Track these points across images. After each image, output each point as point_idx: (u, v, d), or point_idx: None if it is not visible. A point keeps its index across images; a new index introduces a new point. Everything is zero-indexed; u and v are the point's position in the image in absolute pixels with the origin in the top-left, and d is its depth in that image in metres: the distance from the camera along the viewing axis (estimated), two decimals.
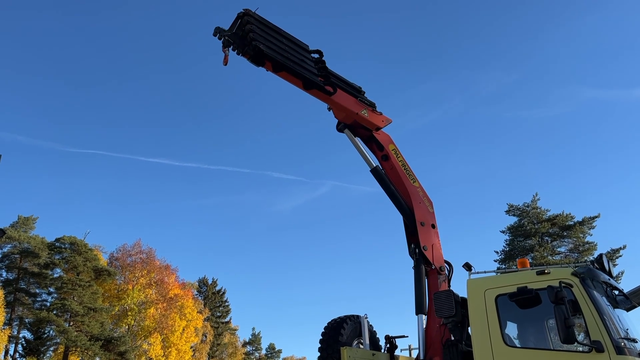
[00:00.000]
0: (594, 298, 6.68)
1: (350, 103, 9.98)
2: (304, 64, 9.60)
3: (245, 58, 9.20)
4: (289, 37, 9.71)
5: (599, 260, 7.76)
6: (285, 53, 9.38)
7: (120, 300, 45.00)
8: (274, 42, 9.33)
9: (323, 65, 9.84)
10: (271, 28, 9.46)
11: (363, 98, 10.30)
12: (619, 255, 37.33)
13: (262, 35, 9.19)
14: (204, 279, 65.42)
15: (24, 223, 47.45)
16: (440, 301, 7.83)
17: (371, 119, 10.15)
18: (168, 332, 44.97)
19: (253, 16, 9.23)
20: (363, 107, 10.12)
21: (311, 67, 9.69)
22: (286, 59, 9.32)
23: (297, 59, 9.53)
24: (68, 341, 37.97)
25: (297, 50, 9.67)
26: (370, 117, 10.13)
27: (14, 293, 43.19)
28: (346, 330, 9.05)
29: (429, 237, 9.56)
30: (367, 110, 10.13)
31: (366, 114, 10.08)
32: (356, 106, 10.03)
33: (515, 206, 42.14)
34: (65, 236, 43.76)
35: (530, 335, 7.77)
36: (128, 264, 47.02)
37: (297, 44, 9.77)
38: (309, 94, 9.72)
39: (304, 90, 9.68)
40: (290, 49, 9.56)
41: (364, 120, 10.08)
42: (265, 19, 9.42)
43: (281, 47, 9.38)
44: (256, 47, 8.93)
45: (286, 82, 9.59)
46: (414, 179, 10.07)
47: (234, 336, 67.07)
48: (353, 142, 10.17)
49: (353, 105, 9.99)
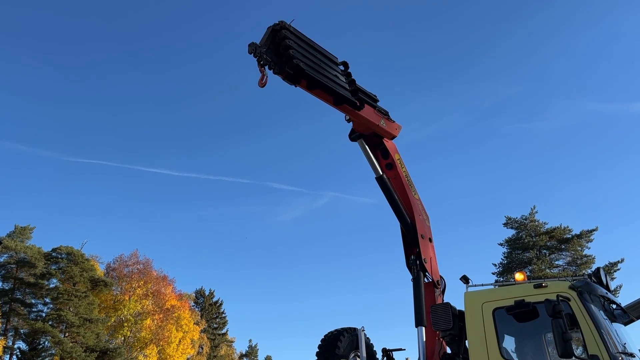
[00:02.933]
0: (592, 312, 6.67)
1: (374, 116, 9.75)
2: (337, 79, 9.07)
3: (280, 77, 8.45)
4: (322, 50, 9.07)
5: (597, 274, 7.75)
6: (322, 70, 8.77)
7: (117, 311, 44.76)
8: (312, 58, 8.67)
9: (352, 79, 9.35)
10: (306, 42, 8.76)
11: (379, 107, 10.07)
12: (617, 268, 37.38)
13: (301, 51, 8.47)
14: (201, 290, 65.15)
15: (21, 233, 47.30)
16: (438, 314, 7.81)
17: (388, 128, 10.02)
18: (164, 343, 44.66)
19: (289, 29, 8.44)
20: (381, 117, 9.92)
21: (343, 82, 9.19)
22: (324, 77, 8.72)
23: (332, 74, 8.99)
24: (63, 352, 37.69)
25: (329, 65, 9.08)
26: (387, 127, 10.00)
27: (10, 303, 42.94)
28: (343, 343, 9.00)
29: (428, 250, 9.58)
30: (384, 120, 9.97)
31: (384, 124, 9.93)
32: (377, 118, 9.82)
33: (513, 219, 42.22)
34: (62, 246, 43.64)
35: (527, 349, 7.74)
36: (125, 275, 46.82)
37: (328, 58, 9.14)
38: (336, 108, 9.38)
39: (331, 105, 9.28)
40: (324, 64, 8.94)
41: (382, 131, 9.94)
42: (301, 33, 8.69)
43: (317, 64, 8.74)
44: (297, 65, 8.20)
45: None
46: (415, 191, 10.08)
47: (231, 348, 66.66)
48: (364, 151, 9.93)
49: (375, 117, 9.76)
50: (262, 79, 8.29)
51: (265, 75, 8.26)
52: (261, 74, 8.27)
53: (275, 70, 8.32)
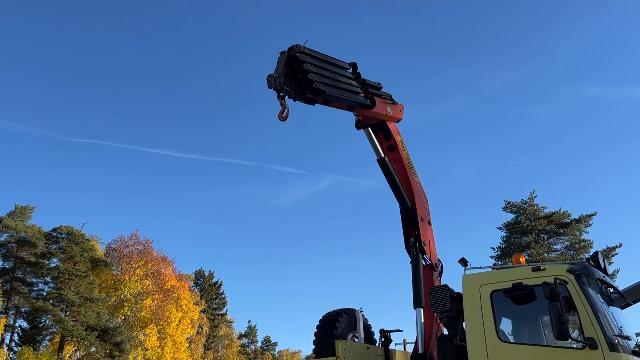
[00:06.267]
0: (589, 295, 6.70)
1: (382, 107, 9.64)
2: (351, 87, 8.79)
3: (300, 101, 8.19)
4: (334, 62, 8.74)
5: (595, 258, 7.78)
6: (338, 84, 8.51)
7: (117, 291, 45.03)
8: (328, 75, 8.39)
9: (362, 79, 9.13)
10: (321, 59, 8.45)
11: (384, 94, 9.90)
12: (615, 253, 37.48)
13: (318, 72, 8.18)
14: (200, 271, 65.54)
15: (21, 212, 47.44)
16: (436, 296, 7.85)
17: (394, 114, 9.94)
18: (164, 323, 45.03)
19: (304, 51, 8.10)
20: (387, 104, 9.81)
21: (356, 88, 8.95)
22: (341, 90, 8.47)
23: (345, 83, 8.70)
24: (64, 331, 38.01)
25: (343, 75, 8.80)
26: (394, 113, 9.91)
27: (11, 282, 43.20)
28: (341, 324, 9.08)
29: (427, 233, 9.62)
30: (390, 106, 9.86)
31: (391, 111, 9.83)
32: (384, 107, 9.72)
33: (512, 203, 42.24)
34: (62, 226, 43.74)
35: (524, 331, 7.80)
36: (125, 255, 47.01)
37: (340, 67, 8.84)
38: (350, 111, 9.33)
39: (345, 110, 9.19)
40: (338, 75, 8.66)
41: (389, 118, 9.88)
42: (315, 51, 8.37)
43: (334, 79, 8.46)
44: (318, 89, 7.94)
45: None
46: (415, 174, 10.08)
47: (230, 328, 67.24)
48: (369, 137, 9.84)
49: (383, 109, 9.68)
50: (282, 112, 7.83)
51: (287, 108, 7.82)
52: (282, 107, 7.81)
53: (295, 98, 8.00)
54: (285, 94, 7.84)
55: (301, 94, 8.02)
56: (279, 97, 7.82)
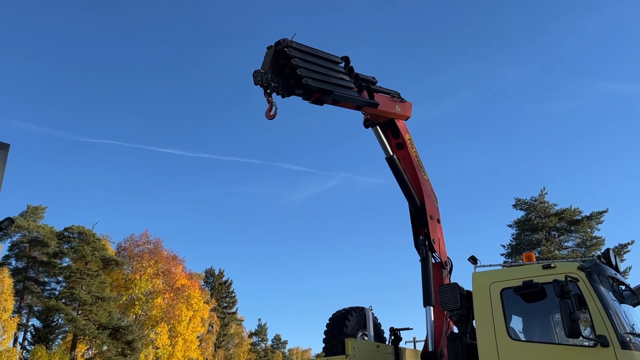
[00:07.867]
0: (600, 292, 6.65)
1: (390, 106, 9.53)
2: (342, 82, 8.50)
3: (301, 98, 8.03)
4: (325, 56, 8.47)
5: (606, 255, 7.72)
6: (329, 79, 8.24)
7: (128, 290, 45.34)
8: (318, 70, 8.14)
9: (355, 74, 8.87)
10: (310, 54, 8.18)
11: (392, 92, 9.78)
12: (627, 250, 37.22)
13: (308, 67, 7.92)
14: (210, 270, 65.80)
15: (33, 212, 47.85)
16: (446, 294, 7.83)
17: (403, 112, 9.86)
18: (175, 322, 45.32)
19: (292, 45, 7.83)
20: (395, 102, 9.69)
21: (349, 83, 8.65)
22: (331, 85, 8.20)
23: (336, 78, 8.42)
24: (76, 329, 38.35)
25: (334, 69, 8.52)
26: (402, 111, 9.82)
27: (24, 281, 43.67)
28: (351, 322, 9.09)
29: (436, 231, 9.61)
30: (399, 104, 9.77)
31: (399, 109, 9.74)
32: (392, 105, 9.61)
33: (522, 200, 42.05)
34: (73, 226, 44.09)
35: (535, 329, 7.76)
36: (136, 254, 47.33)
37: (331, 61, 8.57)
38: (358, 110, 9.28)
39: (353, 109, 9.10)
40: (329, 70, 8.40)
41: (398, 116, 9.79)
42: (304, 46, 8.09)
43: (324, 74, 8.21)
44: (307, 85, 7.72)
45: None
46: (424, 172, 10.04)
47: (240, 327, 67.52)
48: (377, 135, 9.78)
49: (391, 106, 9.56)
50: (270, 109, 7.55)
51: (275, 106, 7.54)
52: (269, 105, 7.55)
53: (284, 95, 7.82)
54: (273, 90, 7.59)
55: (290, 91, 7.82)
56: (266, 94, 7.58)
